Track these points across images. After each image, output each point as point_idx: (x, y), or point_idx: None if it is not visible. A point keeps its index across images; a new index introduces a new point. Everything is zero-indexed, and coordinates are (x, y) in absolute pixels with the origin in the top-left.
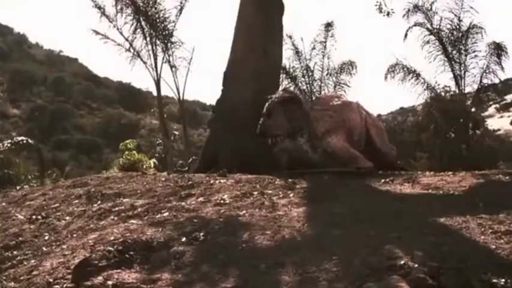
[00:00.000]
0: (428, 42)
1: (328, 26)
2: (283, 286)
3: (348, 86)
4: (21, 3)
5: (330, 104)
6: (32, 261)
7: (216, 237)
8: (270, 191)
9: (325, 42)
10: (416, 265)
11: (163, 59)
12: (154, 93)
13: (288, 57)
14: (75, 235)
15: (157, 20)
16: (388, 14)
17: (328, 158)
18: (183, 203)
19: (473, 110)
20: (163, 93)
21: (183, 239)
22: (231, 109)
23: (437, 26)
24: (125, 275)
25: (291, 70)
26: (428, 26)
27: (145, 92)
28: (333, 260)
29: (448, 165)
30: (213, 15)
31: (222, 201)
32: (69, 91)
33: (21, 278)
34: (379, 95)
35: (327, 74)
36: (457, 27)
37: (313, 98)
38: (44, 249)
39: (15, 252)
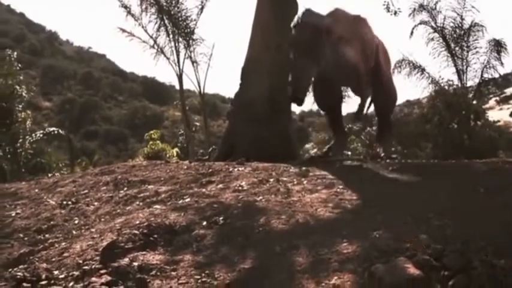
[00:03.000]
0: (432, 39)
1: None
2: (297, 267)
3: None
4: (53, 2)
5: (344, 16)
6: (63, 243)
7: (234, 221)
8: (285, 178)
9: None
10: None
11: (185, 55)
12: (177, 87)
13: None
14: (103, 219)
15: (180, 19)
16: (395, 13)
17: (338, 70)
18: (204, 190)
19: (474, 102)
20: (185, 87)
21: (204, 223)
22: (248, 102)
23: (441, 24)
24: (150, 257)
25: None
26: (433, 24)
27: (168, 85)
28: (344, 242)
29: (451, 154)
30: (233, 14)
31: (240, 188)
32: (97, 85)
33: (53, 259)
34: None
35: None
36: (460, 25)
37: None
38: (74, 232)
39: (47, 235)
